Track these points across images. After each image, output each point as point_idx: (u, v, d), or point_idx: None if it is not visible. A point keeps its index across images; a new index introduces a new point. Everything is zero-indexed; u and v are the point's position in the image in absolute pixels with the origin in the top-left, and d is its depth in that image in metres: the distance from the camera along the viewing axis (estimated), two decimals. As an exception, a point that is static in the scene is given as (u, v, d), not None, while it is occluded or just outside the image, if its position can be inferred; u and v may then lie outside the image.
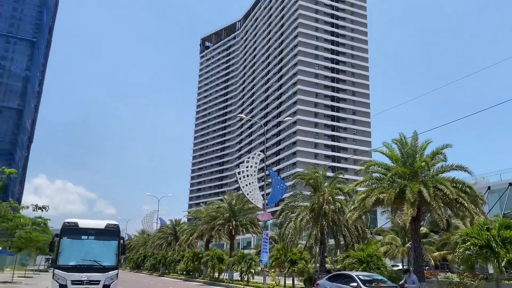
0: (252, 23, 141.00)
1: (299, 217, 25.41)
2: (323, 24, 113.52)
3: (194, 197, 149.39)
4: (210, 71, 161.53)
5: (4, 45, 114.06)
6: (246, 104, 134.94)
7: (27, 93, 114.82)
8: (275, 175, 33.76)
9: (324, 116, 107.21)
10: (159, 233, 62.75)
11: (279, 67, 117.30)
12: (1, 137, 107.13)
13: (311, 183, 27.29)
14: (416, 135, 20.52)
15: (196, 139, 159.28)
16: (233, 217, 38.53)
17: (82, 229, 17.53)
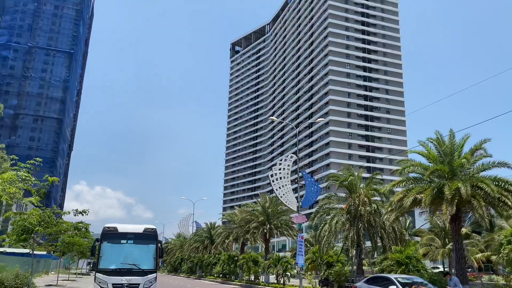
0: (281, 25, 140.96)
1: (335, 219, 25.13)
2: (354, 23, 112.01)
3: (228, 200, 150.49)
4: (240, 75, 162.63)
5: (44, 58, 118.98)
6: (277, 107, 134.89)
7: (66, 103, 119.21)
8: (309, 177, 33.54)
9: (357, 116, 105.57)
10: (195, 236, 63.55)
11: (310, 68, 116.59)
12: (43, 145, 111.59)
13: (345, 184, 26.95)
14: (453, 133, 19.86)
15: (228, 142, 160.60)
16: (267, 220, 38.53)
17: (121, 234, 17.99)
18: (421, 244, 37.86)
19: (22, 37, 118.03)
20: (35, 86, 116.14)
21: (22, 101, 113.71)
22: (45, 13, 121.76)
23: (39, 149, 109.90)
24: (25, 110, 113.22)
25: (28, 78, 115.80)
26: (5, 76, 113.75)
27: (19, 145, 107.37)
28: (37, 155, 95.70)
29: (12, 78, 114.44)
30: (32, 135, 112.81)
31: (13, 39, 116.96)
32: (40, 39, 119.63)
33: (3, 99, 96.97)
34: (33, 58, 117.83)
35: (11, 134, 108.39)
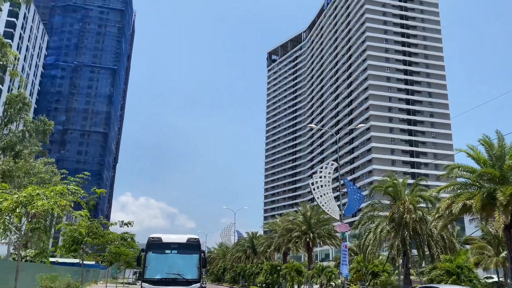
0: (318, 32, 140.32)
1: (379, 227, 24.44)
2: (392, 26, 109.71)
3: (269, 209, 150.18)
4: (277, 83, 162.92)
5: (89, 75, 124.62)
6: (316, 114, 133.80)
7: (111, 117, 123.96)
8: (351, 185, 32.94)
9: (399, 121, 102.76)
10: (237, 246, 63.73)
11: (348, 74, 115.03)
12: (90, 159, 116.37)
13: (389, 191, 26.21)
14: (502, 136, 18.86)
15: (267, 151, 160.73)
16: (309, 229, 38.06)
17: (165, 244, 18.32)
18: (472, 252, 36.11)
19: (69, 56, 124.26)
20: (82, 102, 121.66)
21: (70, 117, 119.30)
22: (90, 32, 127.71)
23: (86, 162, 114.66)
24: (72, 125, 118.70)
25: (75, 94, 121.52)
26: (54, 94, 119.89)
27: (67, 159, 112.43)
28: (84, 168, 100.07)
29: (60, 95, 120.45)
30: (80, 149, 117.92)
31: (61, 58, 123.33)
32: (85, 57, 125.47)
33: (52, 115, 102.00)
34: (79, 76, 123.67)
35: (60, 149, 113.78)
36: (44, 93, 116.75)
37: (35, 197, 10.74)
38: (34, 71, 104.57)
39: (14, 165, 33.55)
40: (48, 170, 38.98)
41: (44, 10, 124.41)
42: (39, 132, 36.48)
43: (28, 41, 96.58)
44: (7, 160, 33.98)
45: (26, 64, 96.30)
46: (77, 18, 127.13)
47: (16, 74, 28.73)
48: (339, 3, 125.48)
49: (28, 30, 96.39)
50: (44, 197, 10.84)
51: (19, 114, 34.87)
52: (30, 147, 36.18)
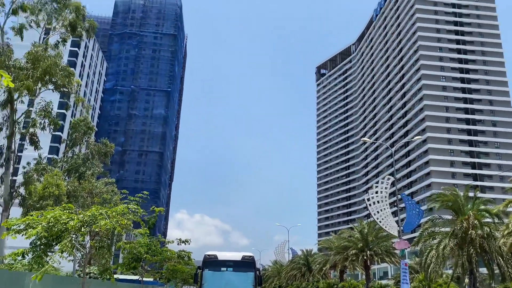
0: (368, 43, 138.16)
1: (442, 244, 23.18)
2: (446, 33, 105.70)
3: (323, 226, 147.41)
4: (327, 97, 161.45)
5: (145, 98, 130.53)
6: (369, 127, 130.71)
7: (166, 137, 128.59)
8: (409, 199, 31.68)
9: (458, 131, 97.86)
10: (291, 264, 62.94)
11: (401, 85, 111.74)
12: (147, 178, 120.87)
13: (450, 206, 24.88)
14: None
15: (319, 166, 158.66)
16: (366, 246, 36.89)
17: (221, 261, 18.52)
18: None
19: (126, 80, 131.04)
20: (139, 123, 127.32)
21: (128, 138, 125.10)
22: (145, 57, 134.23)
23: (144, 181, 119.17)
24: (130, 146, 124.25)
25: (132, 117, 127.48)
26: (113, 117, 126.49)
27: (126, 178, 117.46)
28: (142, 187, 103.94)
29: (119, 118, 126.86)
30: (138, 168, 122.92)
31: (119, 83, 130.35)
32: (141, 81, 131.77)
33: (112, 137, 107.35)
34: (136, 99, 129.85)
35: (119, 169, 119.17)
36: (104, 116, 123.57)
37: (98, 216, 11.30)
38: (94, 96, 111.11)
39: (79, 185, 35.56)
40: (109, 190, 40.92)
41: (103, 39, 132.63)
42: (101, 154, 38.49)
43: (89, 69, 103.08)
44: (72, 181, 36.10)
45: (88, 89, 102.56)
46: (133, 44, 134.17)
47: (82, 100, 30.70)
48: (389, 14, 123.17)
49: (89, 58, 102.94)
50: (106, 216, 11.37)
51: (83, 138, 37.08)
52: (93, 168, 38.21)
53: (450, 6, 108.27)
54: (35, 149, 28.67)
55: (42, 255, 11.28)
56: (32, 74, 23.63)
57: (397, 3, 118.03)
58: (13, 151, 26.03)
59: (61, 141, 63.23)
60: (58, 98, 61.51)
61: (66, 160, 38.06)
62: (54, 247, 11.53)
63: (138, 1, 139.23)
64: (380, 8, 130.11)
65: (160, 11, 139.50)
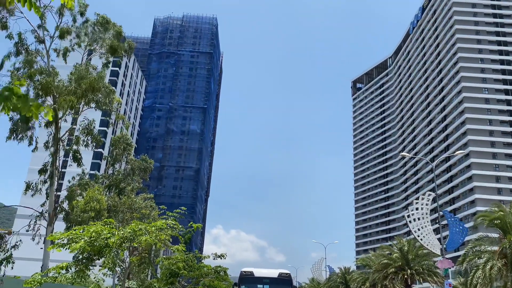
0: (405, 57, 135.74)
1: (488, 264, 22.07)
2: (487, 44, 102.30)
3: (361, 243, 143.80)
4: (364, 111, 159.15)
5: (182, 115, 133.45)
6: (407, 141, 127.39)
7: (202, 153, 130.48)
8: (451, 216, 30.52)
9: (503, 145, 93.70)
10: (329, 282, 61.69)
11: (441, 98, 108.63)
12: (184, 193, 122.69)
13: (497, 223, 23.71)
14: None
15: (356, 182, 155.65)
16: (406, 264, 35.62)
17: (257, 278, 18.44)
18: None
19: (164, 98, 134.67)
20: (176, 140, 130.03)
21: (166, 154, 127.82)
22: (182, 75, 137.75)
23: (181, 196, 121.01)
24: (168, 162, 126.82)
25: (170, 133, 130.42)
26: (152, 133, 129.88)
27: (164, 194, 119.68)
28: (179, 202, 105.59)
29: (157, 134, 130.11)
30: (175, 184, 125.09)
31: (157, 100, 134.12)
32: (179, 98, 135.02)
33: (150, 154, 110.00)
34: (173, 116, 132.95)
35: (158, 185, 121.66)
36: (143, 133, 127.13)
37: (138, 232, 11.55)
38: (134, 113, 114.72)
39: (119, 200, 36.55)
40: (148, 205, 41.78)
41: (142, 58, 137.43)
42: (141, 170, 39.49)
43: (129, 87, 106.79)
44: (112, 196, 37.17)
45: (127, 107, 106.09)
46: (170, 63, 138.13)
47: (122, 118, 31.78)
48: (426, 26, 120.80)
49: (129, 77, 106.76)
50: (146, 232, 11.60)
51: (123, 154, 38.23)
52: (133, 184, 39.22)
53: (491, 16, 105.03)
54: (78, 165, 29.80)
55: (85, 269, 11.60)
56: (75, 90, 24.71)
57: (435, 15, 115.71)
58: (57, 167, 27.16)
59: (102, 158, 65.53)
60: (99, 116, 64.11)
61: (107, 176, 39.29)
62: (96, 261, 11.84)
63: (176, 21, 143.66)
64: (417, 20, 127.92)
65: (197, 30, 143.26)
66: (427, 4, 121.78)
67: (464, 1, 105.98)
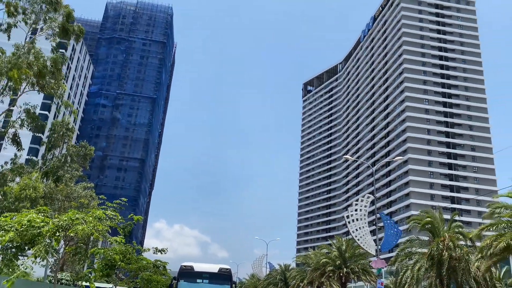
0: (354, 63, 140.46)
1: (417, 265, 23.42)
2: (431, 57, 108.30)
3: (302, 242, 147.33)
4: (313, 113, 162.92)
5: (130, 103, 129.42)
6: (351, 145, 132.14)
7: (149, 145, 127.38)
8: (387, 219, 32.00)
9: (438, 154, 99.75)
10: (268, 278, 62.59)
11: (385, 105, 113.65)
12: (127, 185, 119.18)
13: (428, 227, 25.22)
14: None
15: (301, 181, 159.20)
16: (343, 263, 36.99)
17: (197, 273, 18.33)
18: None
19: (112, 85, 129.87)
20: (122, 129, 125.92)
21: (110, 144, 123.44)
22: (132, 63, 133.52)
23: (123, 188, 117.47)
24: (112, 152, 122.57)
25: (115, 122, 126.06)
26: (96, 121, 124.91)
27: (106, 184, 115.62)
28: (121, 194, 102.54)
29: (102, 122, 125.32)
30: (118, 175, 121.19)
31: (104, 87, 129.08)
32: (127, 86, 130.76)
33: (93, 142, 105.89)
34: (120, 104, 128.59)
35: (99, 174, 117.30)
36: (87, 120, 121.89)
37: (74, 221, 11.09)
38: (78, 99, 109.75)
39: (55, 188, 34.87)
40: (87, 195, 40.20)
41: (91, 42, 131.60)
42: (80, 157, 37.84)
43: (75, 71, 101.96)
44: (48, 183, 35.37)
45: (72, 92, 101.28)
46: (120, 49, 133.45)
47: (69, 105, 30.30)
48: (376, 36, 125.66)
49: (75, 61, 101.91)
50: (83, 221, 11.17)
51: (63, 140, 36.40)
52: (71, 171, 37.53)
53: (435, 32, 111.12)
54: (18, 149, 28.15)
55: (13, 259, 10.99)
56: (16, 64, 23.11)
57: (385, 26, 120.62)
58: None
59: (41, 143, 62.07)
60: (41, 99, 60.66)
61: (44, 162, 37.33)
62: (26, 251, 11.25)
63: (129, 7, 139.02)
64: (368, 29, 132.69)
65: (151, 18, 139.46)
66: (378, 15, 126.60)
67: (412, 15, 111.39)
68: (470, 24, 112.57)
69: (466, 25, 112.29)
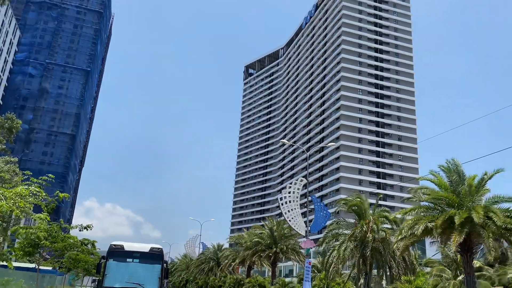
0: (295, 50, 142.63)
1: (343, 246, 24.73)
2: (367, 49, 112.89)
3: (236, 223, 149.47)
4: (253, 97, 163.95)
5: (61, 75, 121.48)
6: (289, 130, 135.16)
7: (80, 119, 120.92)
8: (318, 202, 33.27)
9: (368, 142, 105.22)
10: (201, 258, 62.90)
11: (322, 93, 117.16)
12: (55, 160, 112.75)
13: (354, 210, 26.63)
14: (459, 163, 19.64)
15: (238, 164, 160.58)
16: (274, 243, 38.09)
17: (127, 252, 17.92)
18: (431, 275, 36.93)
19: (41, 54, 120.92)
20: (51, 102, 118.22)
21: (37, 116, 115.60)
22: (65, 32, 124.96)
23: (51, 164, 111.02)
24: (39, 125, 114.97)
25: (44, 93, 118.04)
26: (22, 91, 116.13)
27: (31, 159, 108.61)
28: (49, 170, 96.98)
29: (29, 93, 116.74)
30: (45, 150, 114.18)
31: (32, 55, 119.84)
32: (58, 56, 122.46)
33: (18, 113, 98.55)
34: (50, 75, 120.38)
35: (24, 149, 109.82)
36: (11, 89, 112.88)
37: (-7, 196, 10.33)
38: (2, 66, 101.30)
39: (-27, 162, 32.22)
40: (10, 170, 37.58)
41: (18, 5, 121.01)
42: (4, 129, 35.22)
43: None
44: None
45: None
46: (52, 16, 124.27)
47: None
48: (317, 24, 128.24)
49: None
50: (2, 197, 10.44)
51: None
52: (-8, 144, 34.87)
53: (372, 24, 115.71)
54: None
55: None
56: None
57: (326, 15, 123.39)
58: None
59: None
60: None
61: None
62: None
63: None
64: (310, 16, 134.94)
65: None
66: (320, 3, 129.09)
67: (352, 6, 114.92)
68: (404, 19, 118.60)
69: (401, 20, 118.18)
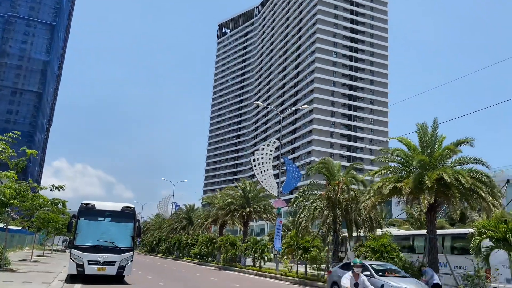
0: (270, 9, 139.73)
1: (313, 205, 25.36)
2: (342, 11, 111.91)
3: (209, 183, 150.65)
4: (227, 57, 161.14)
5: (24, 29, 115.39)
6: (263, 92, 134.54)
7: (47, 77, 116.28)
8: (290, 163, 33.79)
9: (341, 105, 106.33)
10: (174, 217, 63.50)
11: (297, 55, 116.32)
12: (21, 119, 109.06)
13: (325, 171, 27.16)
14: (436, 125, 20.12)
15: (212, 125, 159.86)
16: (247, 203, 38.70)
17: (99, 211, 17.87)
18: (396, 233, 38.66)
19: (2, 6, 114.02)
20: (14, 57, 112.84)
21: (0, 73, 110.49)
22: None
23: (16, 122, 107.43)
24: (2, 82, 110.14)
25: (6, 49, 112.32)
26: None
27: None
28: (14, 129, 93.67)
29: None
30: (10, 108, 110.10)
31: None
32: (21, 8, 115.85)
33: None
34: (12, 29, 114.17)
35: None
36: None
37: (-45, 153, 9.91)
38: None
39: None
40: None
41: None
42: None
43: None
44: None
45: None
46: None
47: None
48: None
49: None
50: (-35, 153, 10.04)
51: None
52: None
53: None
54: None
55: None
56: None
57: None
58: None
59: None
60: None
61: None
62: None
63: None
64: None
65: None
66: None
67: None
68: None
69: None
